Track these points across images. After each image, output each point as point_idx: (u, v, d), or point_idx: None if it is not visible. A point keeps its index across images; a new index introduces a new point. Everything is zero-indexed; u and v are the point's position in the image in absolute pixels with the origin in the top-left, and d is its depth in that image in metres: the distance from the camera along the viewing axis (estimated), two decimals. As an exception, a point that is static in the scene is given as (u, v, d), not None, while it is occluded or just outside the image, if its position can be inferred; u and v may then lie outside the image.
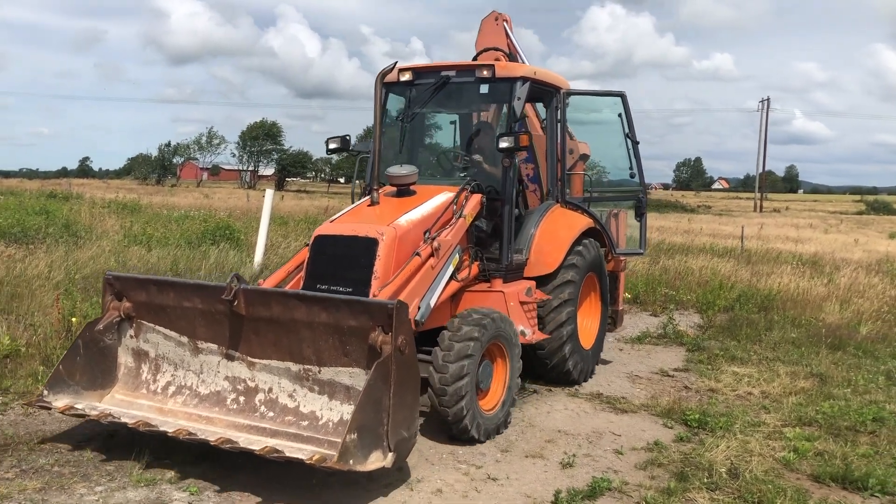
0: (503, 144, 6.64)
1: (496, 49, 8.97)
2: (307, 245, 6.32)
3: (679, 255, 17.97)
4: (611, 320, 8.67)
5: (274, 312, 5.08)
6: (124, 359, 5.73)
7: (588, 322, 8.10)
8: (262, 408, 5.18)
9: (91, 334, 5.55)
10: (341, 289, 5.97)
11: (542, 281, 7.33)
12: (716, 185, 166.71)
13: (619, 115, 8.06)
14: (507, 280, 7.04)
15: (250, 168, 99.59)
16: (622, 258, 8.71)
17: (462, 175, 7.43)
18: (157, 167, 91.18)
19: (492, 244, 7.10)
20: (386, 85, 7.70)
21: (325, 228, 6.37)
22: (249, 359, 5.29)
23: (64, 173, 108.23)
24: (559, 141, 7.77)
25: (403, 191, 6.83)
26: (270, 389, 5.21)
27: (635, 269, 15.12)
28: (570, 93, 7.86)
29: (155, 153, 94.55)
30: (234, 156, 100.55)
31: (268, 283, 6.27)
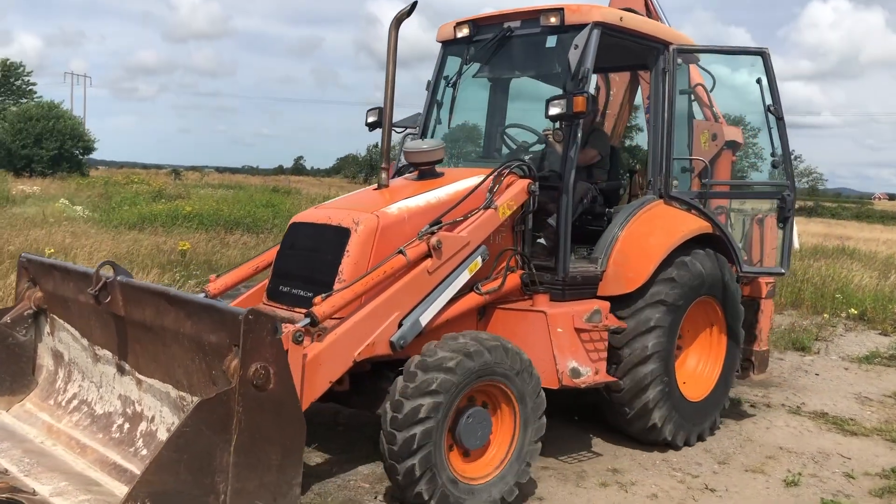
0: (553, 111, 4.88)
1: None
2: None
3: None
4: (747, 364, 6.39)
5: (147, 316, 3.76)
6: (46, 360, 4.72)
7: (701, 365, 5.92)
8: (140, 442, 3.87)
9: (-7, 328, 4.58)
10: (302, 293, 4.56)
11: (625, 302, 5.36)
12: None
13: (759, 82, 5.83)
14: (566, 298, 5.17)
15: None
16: (766, 280, 6.39)
17: (525, 158, 5.68)
18: (365, 166, 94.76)
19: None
20: (444, 45, 6.18)
21: (304, 214, 4.99)
22: (138, 375, 4.00)
23: (280, 171, 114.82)
24: (666, 116, 5.73)
25: (427, 173, 5.25)
26: (153, 419, 3.89)
27: (861, 283, 13.59)
28: (684, 50, 5.79)
29: (363, 153, 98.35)
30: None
31: (222, 282, 4.98)
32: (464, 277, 4.69)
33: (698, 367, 5.88)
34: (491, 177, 4.98)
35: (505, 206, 4.95)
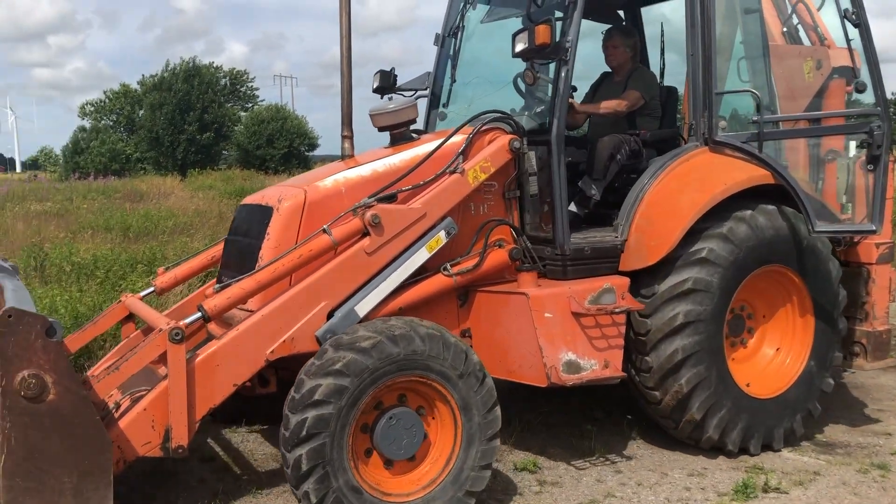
0: (518, 46, 4.00)
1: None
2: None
3: None
4: (856, 348, 5.00)
5: None
6: None
7: (777, 353, 4.68)
8: None
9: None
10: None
11: (652, 277, 4.33)
12: None
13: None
14: (568, 276, 4.24)
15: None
16: (876, 239, 4.94)
17: (539, 111, 4.78)
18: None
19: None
20: None
21: (254, 195, 4.49)
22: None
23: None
24: (705, 41, 4.55)
25: (399, 137, 4.54)
26: None
27: None
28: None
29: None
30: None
31: (171, 275, 4.60)
32: (420, 257, 3.96)
33: (769, 358, 4.65)
34: (461, 135, 4.18)
35: (477, 170, 4.13)
